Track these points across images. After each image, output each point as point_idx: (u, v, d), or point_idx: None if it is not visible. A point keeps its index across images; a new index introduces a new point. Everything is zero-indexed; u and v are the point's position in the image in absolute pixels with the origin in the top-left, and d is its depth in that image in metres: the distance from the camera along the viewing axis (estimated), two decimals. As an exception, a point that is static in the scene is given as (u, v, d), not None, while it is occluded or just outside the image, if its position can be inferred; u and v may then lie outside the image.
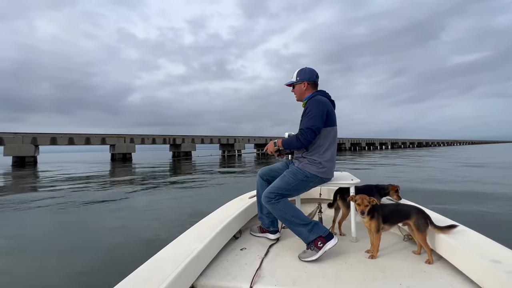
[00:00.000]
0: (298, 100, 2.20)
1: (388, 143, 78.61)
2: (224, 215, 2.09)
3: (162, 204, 6.43)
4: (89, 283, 2.70)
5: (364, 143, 68.04)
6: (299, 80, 2.13)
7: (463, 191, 7.25)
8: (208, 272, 1.62)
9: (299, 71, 2.15)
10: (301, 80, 2.12)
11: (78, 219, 5.20)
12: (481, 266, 1.37)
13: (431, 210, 2.07)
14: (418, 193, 6.88)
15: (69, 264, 3.13)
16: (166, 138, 34.02)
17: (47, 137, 26.19)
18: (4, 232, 4.46)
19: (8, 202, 6.98)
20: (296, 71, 2.16)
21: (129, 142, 30.67)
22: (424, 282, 1.50)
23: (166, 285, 1.18)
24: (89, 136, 28.47)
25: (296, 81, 2.14)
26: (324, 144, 1.99)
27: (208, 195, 7.68)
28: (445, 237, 1.68)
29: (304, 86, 2.12)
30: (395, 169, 13.71)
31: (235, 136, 40.72)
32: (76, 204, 6.47)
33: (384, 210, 1.82)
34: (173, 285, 1.21)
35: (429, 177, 9.95)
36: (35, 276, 2.89)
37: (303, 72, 2.13)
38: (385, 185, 2.37)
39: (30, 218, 5.32)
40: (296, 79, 2.14)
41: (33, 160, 25.12)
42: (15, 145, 24.43)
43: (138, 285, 1.19)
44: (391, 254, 1.86)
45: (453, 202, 5.80)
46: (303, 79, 2.12)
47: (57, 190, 8.93)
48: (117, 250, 3.53)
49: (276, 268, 1.67)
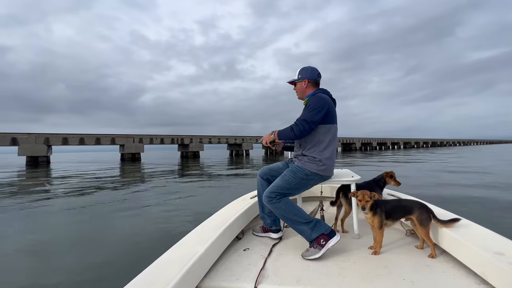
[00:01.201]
0: (299, 98, 2.21)
1: (401, 143, 75.98)
2: (226, 216, 2.10)
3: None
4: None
5: (375, 143, 66.36)
6: (300, 78, 2.15)
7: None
8: (212, 273, 1.62)
9: (301, 69, 2.18)
10: (302, 78, 2.14)
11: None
12: (484, 259, 1.37)
13: (433, 205, 2.07)
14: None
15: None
16: (174, 138, 34.31)
17: (59, 137, 26.77)
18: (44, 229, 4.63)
19: (25, 201, 7.18)
20: (299, 69, 2.19)
21: (138, 142, 31.04)
22: (427, 276, 1.50)
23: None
24: (99, 136, 28.96)
25: (297, 79, 2.16)
26: (324, 141, 2.00)
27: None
28: (448, 231, 1.68)
29: (304, 84, 2.14)
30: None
31: (242, 136, 40.78)
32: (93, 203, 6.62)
33: (387, 206, 1.83)
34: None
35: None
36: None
37: (304, 71, 2.16)
38: (380, 175, 2.37)
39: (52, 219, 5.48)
40: (298, 77, 2.16)
41: (46, 160, 25.70)
42: (29, 145, 25.06)
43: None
44: (393, 249, 1.87)
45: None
46: (304, 77, 2.14)
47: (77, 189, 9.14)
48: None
49: (280, 268, 1.68)
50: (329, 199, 2.53)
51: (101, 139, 29.05)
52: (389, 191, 2.59)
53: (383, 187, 2.35)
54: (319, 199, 2.61)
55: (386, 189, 2.59)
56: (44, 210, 6.02)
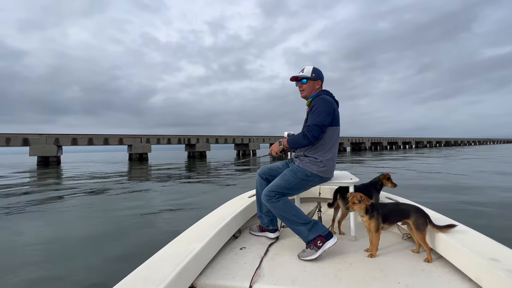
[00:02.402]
0: (304, 97, 2.14)
1: (412, 142, 73.70)
2: (223, 214, 2.10)
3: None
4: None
5: (385, 142, 64.92)
6: (314, 77, 2.09)
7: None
8: (207, 271, 1.63)
9: (315, 68, 2.11)
10: (317, 78, 2.09)
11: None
12: (479, 264, 1.37)
13: (430, 209, 2.06)
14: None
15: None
16: (181, 138, 34.58)
17: (68, 137, 27.28)
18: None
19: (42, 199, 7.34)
20: (308, 67, 2.12)
21: (145, 142, 31.41)
22: (423, 280, 1.50)
23: (165, 284, 1.18)
24: (107, 136, 29.40)
25: (311, 77, 2.09)
26: (327, 143, 2.00)
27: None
28: (444, 236, 1.67)
29: (317, 84, 2.10)
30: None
31: (249, 136, 40.78)
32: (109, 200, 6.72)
33: (384, 209, 1.82)
34: (172, 285, 1.22)
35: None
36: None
37: (318, 71, 2.11)
38: (377, 177, 2.36)
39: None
40: (312, 75, 2.09)
41: (56, 160, 26.21)
42: (39, 145, 25.60)
43: (137, 285, 1.19)
44: (390, 253, 1.86)
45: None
46: (319, 78, 2.10)
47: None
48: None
49: (276, 268, 1.68)
50: (327, 201, 2.53)
51: (109, 139, 29.49)
52: (387, 195, 2.57)
53: (380, 189, 2.35)
54: (317, 200, 2.61)
55: (384, 193, 2.57)
56: (70, 213, 6.15)
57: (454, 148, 56.26)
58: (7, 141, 24.65)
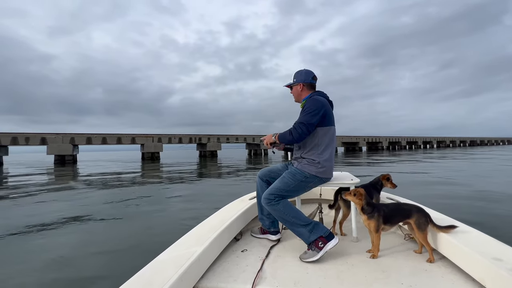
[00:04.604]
0: (296, 101, 2.21)
1: (434, 142, 69.64)
2: (224, 217, 2.10)
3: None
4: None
5: (404, 142, 62.01)
6: (295, 82, 2.15)
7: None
8: (209, 274, 1.62)
9: (296, 73, 2.17)
10: (297, 81, 2.14)
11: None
12: (482, 264, 1.35)
13: (431, 209, 2.04)
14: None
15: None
16: (192, 137, 34.94)
17: (83, 137, 28.10)
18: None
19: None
20: (294, 73, 2.18)
21: (157, 142, 31.93)
22: (425, 281, 1.48)
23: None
24: (120, 136, 30.08)
25: (293, 83, 2.17)
26: (322, 144, 1.99)
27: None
28: (446, 236, 1.65)
29: (300, 87, 2.14)
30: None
31: (262, 135, 40.51)
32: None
33: (385, 210, 1.80)
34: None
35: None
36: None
37: (299, 74, 2.15)
38: (377, 178, 2.35)
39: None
40: (293, 80, 2.16)
41: (72, 159, 27.05)
42: (56, 144, 26.50)
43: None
44: (392, 253, 1.84)
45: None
46: (299, 81, 2.14)
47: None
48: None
49: (277, 270, 1.67)
50: (328, 202, 2.51)
51: (122, 138, 30.16)
52: (388, 195, 2.54)
53: (380, 190, 2.33)
54: (318, 201, 2.58)
55: (385, 193, 2.54)
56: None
57: (481, 147, 51.75)
58: (26, 140, 25.73)
